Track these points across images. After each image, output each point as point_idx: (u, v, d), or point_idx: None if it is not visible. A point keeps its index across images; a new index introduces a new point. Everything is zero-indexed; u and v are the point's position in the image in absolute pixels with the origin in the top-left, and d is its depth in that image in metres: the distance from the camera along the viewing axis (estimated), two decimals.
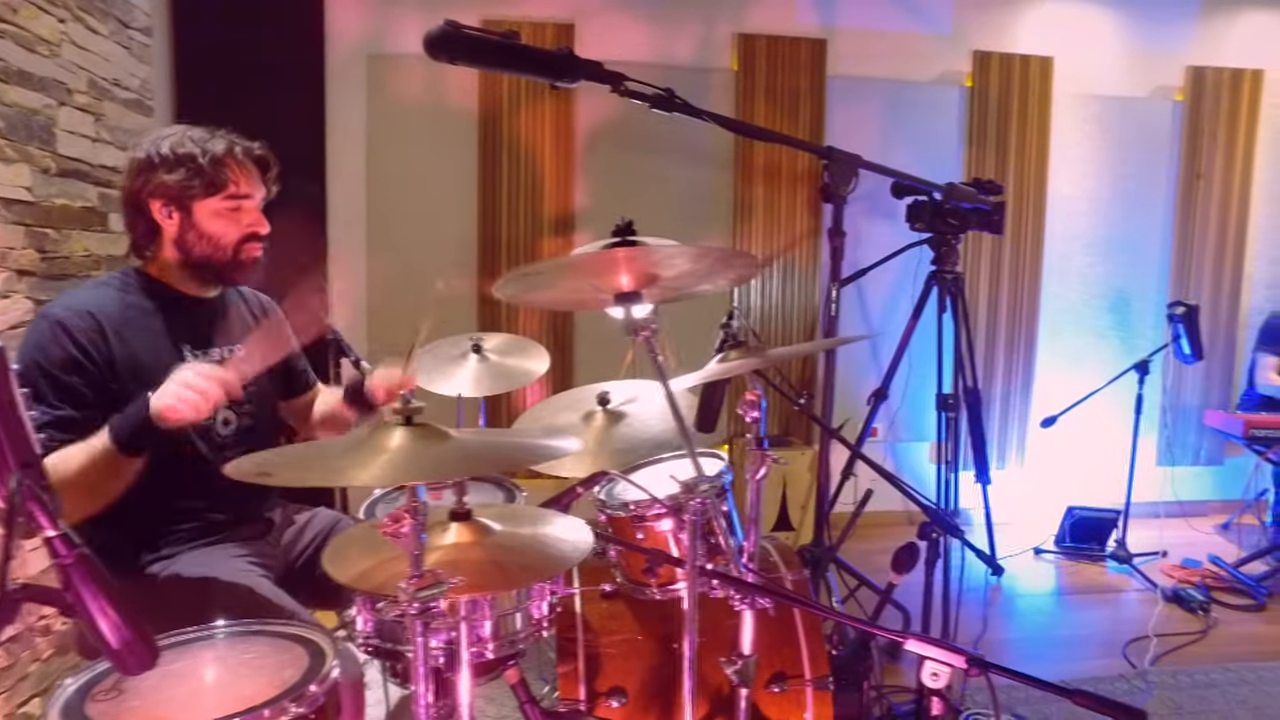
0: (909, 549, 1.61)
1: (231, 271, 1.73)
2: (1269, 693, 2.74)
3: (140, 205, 1.65)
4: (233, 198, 1.68)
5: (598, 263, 1.22)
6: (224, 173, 1.66)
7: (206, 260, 1.69)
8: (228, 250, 1.69)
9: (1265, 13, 4.50)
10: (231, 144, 1.69)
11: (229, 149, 1.67)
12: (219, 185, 1.65)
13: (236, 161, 1.68)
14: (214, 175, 1.64)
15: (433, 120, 3.83)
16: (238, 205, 1.69)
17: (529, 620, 1.64)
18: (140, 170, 1.63)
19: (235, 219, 1.69)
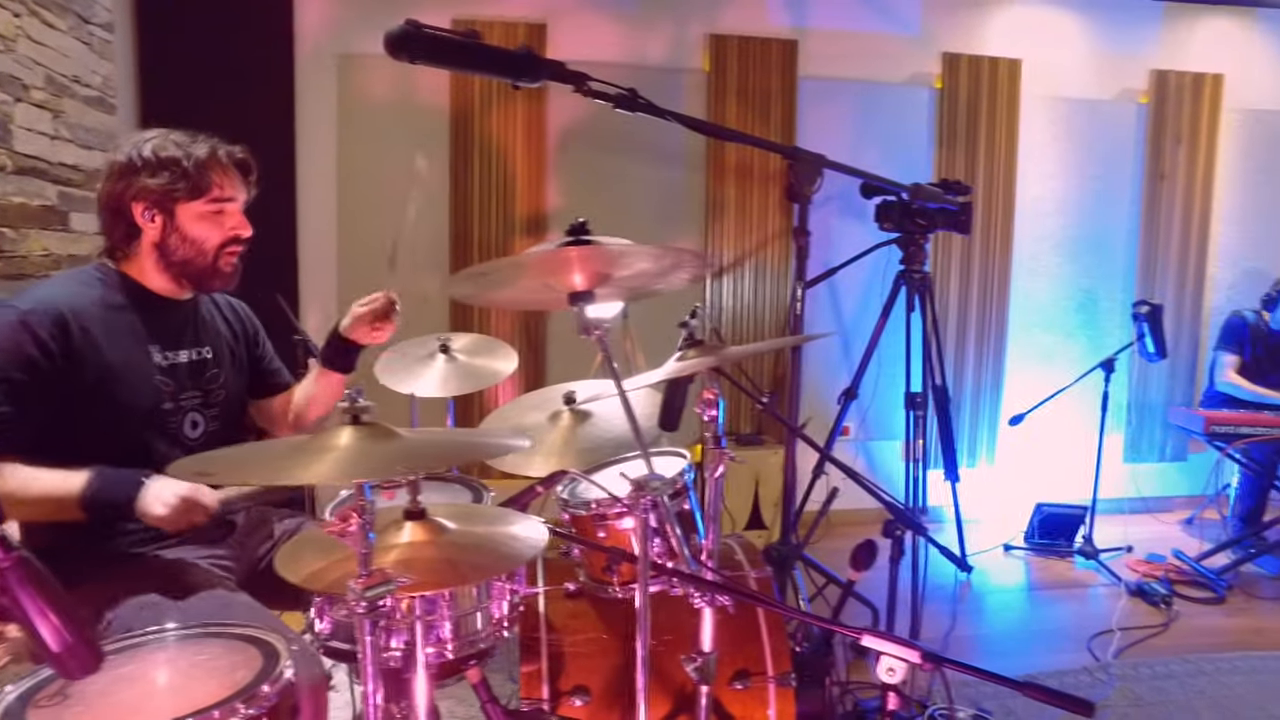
0: (867, 546, 1.63)
1: (210, 278, 1.72)
2: (1225, 683, 2.79)
3: (121, 208, 1.64)
4: (216, 201, 1.68)
5: (550, 262, 1.22)
6: (208, 176, 1.65)
7: (187, 263, 1.68)
8: (209, 254, 1.69)
9: (1225, 18, 4.59)
10: (215, 147, 1.69)
11: (213, 152, 1.67)
12: (203, 189, 1.65)
13: (220, 165, 1.68)
14: (198, 178, 1.64)
15: (404, 120, 3.82)
16: (221, 209, 1.69)
17: (490, 620, 1.64)
18: (122, 173, 1.62)
19: (218, 222, 1.69)
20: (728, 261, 4.06)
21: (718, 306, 4.06)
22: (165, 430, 1.66)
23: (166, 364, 1.69)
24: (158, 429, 1.65)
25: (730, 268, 4.06)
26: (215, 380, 1.79)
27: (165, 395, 1.67)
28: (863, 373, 3.29)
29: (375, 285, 3.80)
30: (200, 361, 1.77)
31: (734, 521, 3.76)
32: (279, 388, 2.04)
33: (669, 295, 3.75)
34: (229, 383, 1.82)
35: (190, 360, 1.75)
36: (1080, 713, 1.32)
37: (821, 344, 4.25)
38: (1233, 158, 4.67)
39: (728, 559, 2.03)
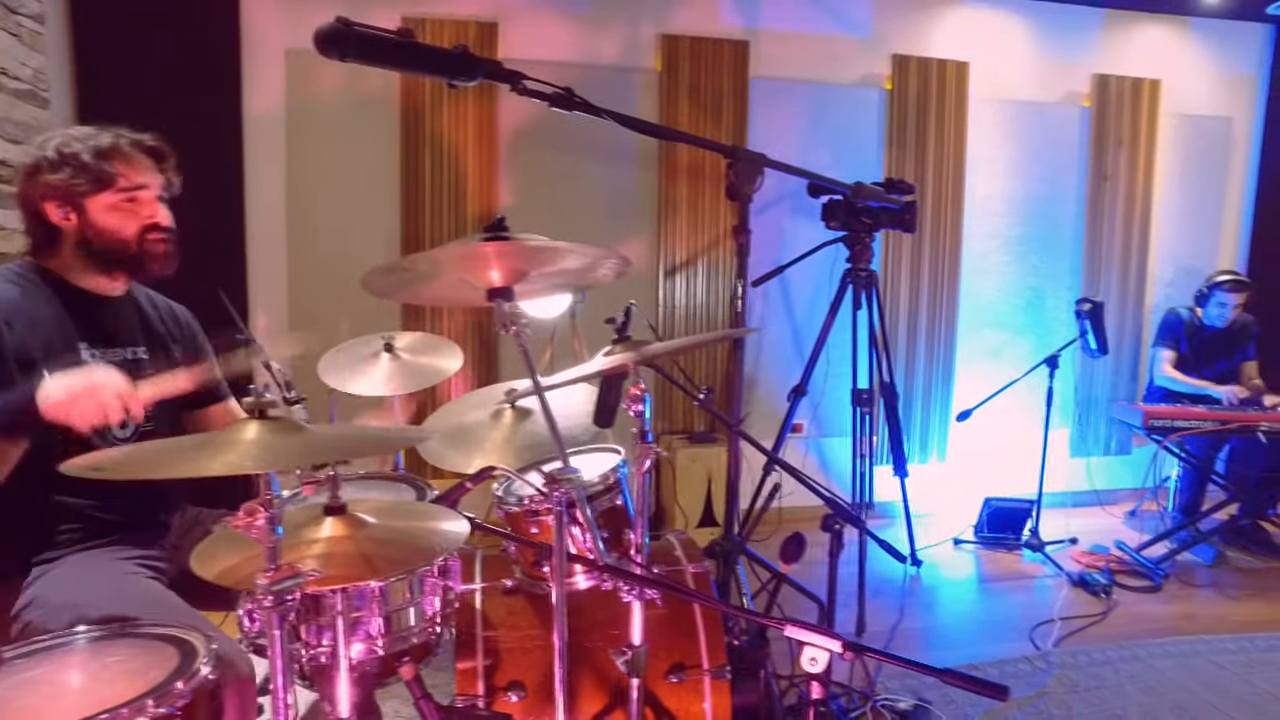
0: (795, 539, 1.65)
1: (139, 264, 1.70)
2: (1156, 667, 2.87)
3: (35, 209, 1.63)
4: (125, 190, 1.66)
5: (467, 258, 1.23)
6: (110, 166, 1.64)
7: (111, 256, 1.67)
8: (130, 244, 1.67)
9: (1160, 26, 4.72)
10: (118, 137, 1.67)
11: (114, 142, 1.65)
12: (106, 180, 1.64)
13: (123, 154, 1.66)
14: (99, 170, 1.62)
15: (354, 117, 3.78)
16: (133, 197, 1.67)
17: (422, 616, 1.65)
18: (29, 174, 1.62)
19: (132, 211, 1.67)
20: (680, 260, 4.08)
21: (670, 305, 4.08)
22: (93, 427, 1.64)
23: (95, 361, 1.67)
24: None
25: (682, 266, 4.08)
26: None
27: None
28: (811, 370, 3.33)
29: (326, 283, 3.81)
30: (134, 362, 1.75)
31: (687, 519, 3.78)
32: (215, 399, 2.00)
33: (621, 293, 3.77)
34: None
35: (124, 360, 1.73)
36: (994, 697, 1.36)
37: (773, 342, 4.29)
38: (1170, 160, 4.80)
39: (666, 554, 2.05)
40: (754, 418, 4.24)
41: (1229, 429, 3.74)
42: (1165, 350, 4.21)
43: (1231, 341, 4.17)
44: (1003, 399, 4.43)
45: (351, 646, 1.54)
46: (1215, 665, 2.90)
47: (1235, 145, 4.92)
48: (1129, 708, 2.61)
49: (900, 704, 2.56)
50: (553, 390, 2.35)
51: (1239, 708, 2.63)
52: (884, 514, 4.41)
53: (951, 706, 2.59)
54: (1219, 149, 4.88)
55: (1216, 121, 4.86)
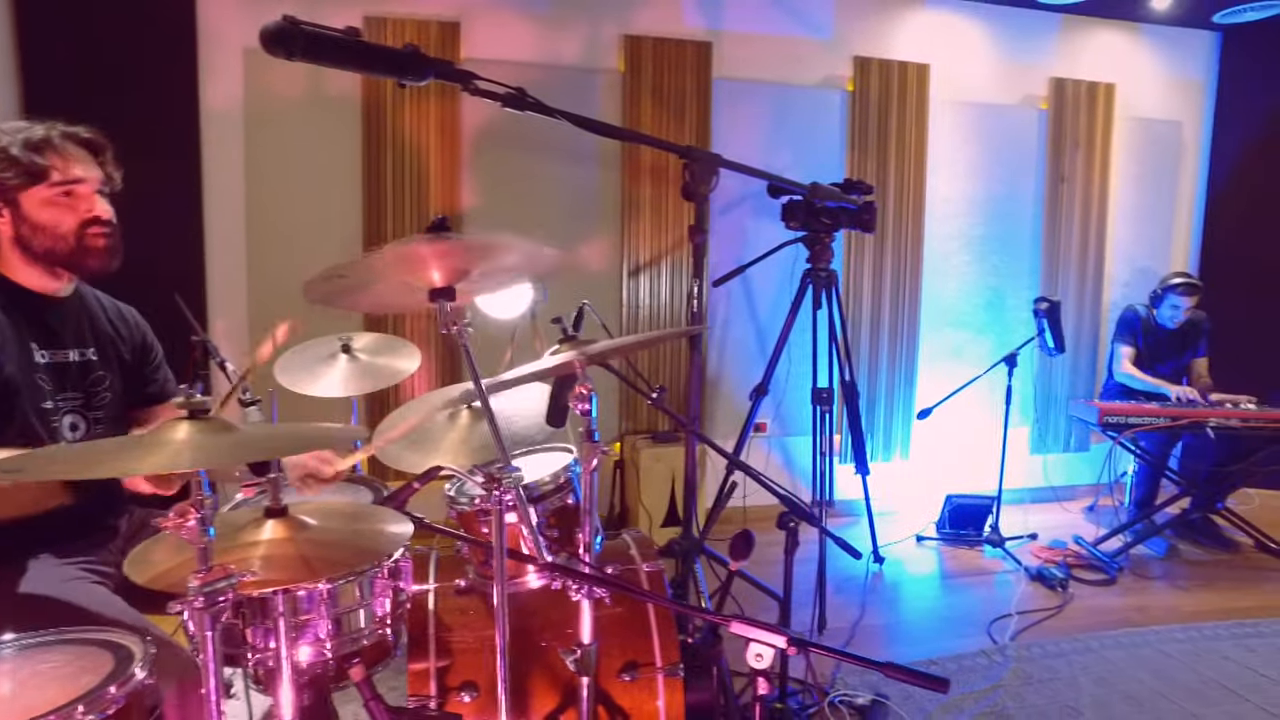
0: (743, 536, 1.67)
1: (80, 259, 1.67)
2: (1108, 658, 2.94)
3: None
4: (59, 184, 1.62)
5: (406, 259, 1.22)
6: (42, 160, 1.60)
7: (51, 252, 1.63)
8: (69, 238, 1.64)
9: (1114, 31, 4.82)
10: (50, 129, 1.64)
11: (46, 134, 1.62)
12: (39, 174, 1.60)
13: (55, 147, 1.63)
14: (30, 164, 1.59)
15: (315, 116, 3.74)
16: (69, 190, 1.64)
17: (373, 617, 1.64)
18: None
19: (70, 205, 1.64)
20: (643, 260, 4.09)
21: (633, 305, 4.09)
22: (45, 429, 1.62)
23: (45, 362, 1.65)
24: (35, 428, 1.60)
25: (645, 266, 4.09)
26: (100, 384, 1.74)
27: (44, 394, 1.62)
28: (773, 369, 3.35)
29: (286, 285, 3.74)
30: (84, 363, 1.73)
31: (651, 518, 3.79)
32: (161, 397, 1.98)
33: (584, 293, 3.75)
34: (114, 387, 1.78)
35: (74, 361, 1.71)
36: (935, 690, 1.39)
37: (736, 342, 4.31)
38: (1125, 163, 4.91)
39: (621, 553, 2.06)
40: (718, 417, 4.27)
41: (1180, 425, 3.82)
42: (1124, 346, 4.30)
43: (1184, 339, 4.27)
44: (965, 397, 4.49)
45: (299, 649, 1.53)
46: (1164, 655, 2.97)
47: (1186, 148, 5.04)
48: (1081, 698, 2.66)
49: (858, 699, 2.59)
50: (503, 390, 2.36)
51: (1185, 695, 2.69)
52: (848, 512, 4.46)
53: (910, 702, 2.63)
54: (1170, 152, 4.99)
55: (1168, 125, 4.97)
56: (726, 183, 4.14)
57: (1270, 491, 4.95)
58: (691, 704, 1.90)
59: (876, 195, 4.37)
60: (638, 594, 1.62)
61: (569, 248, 4.03)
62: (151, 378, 1.95)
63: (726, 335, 4.30)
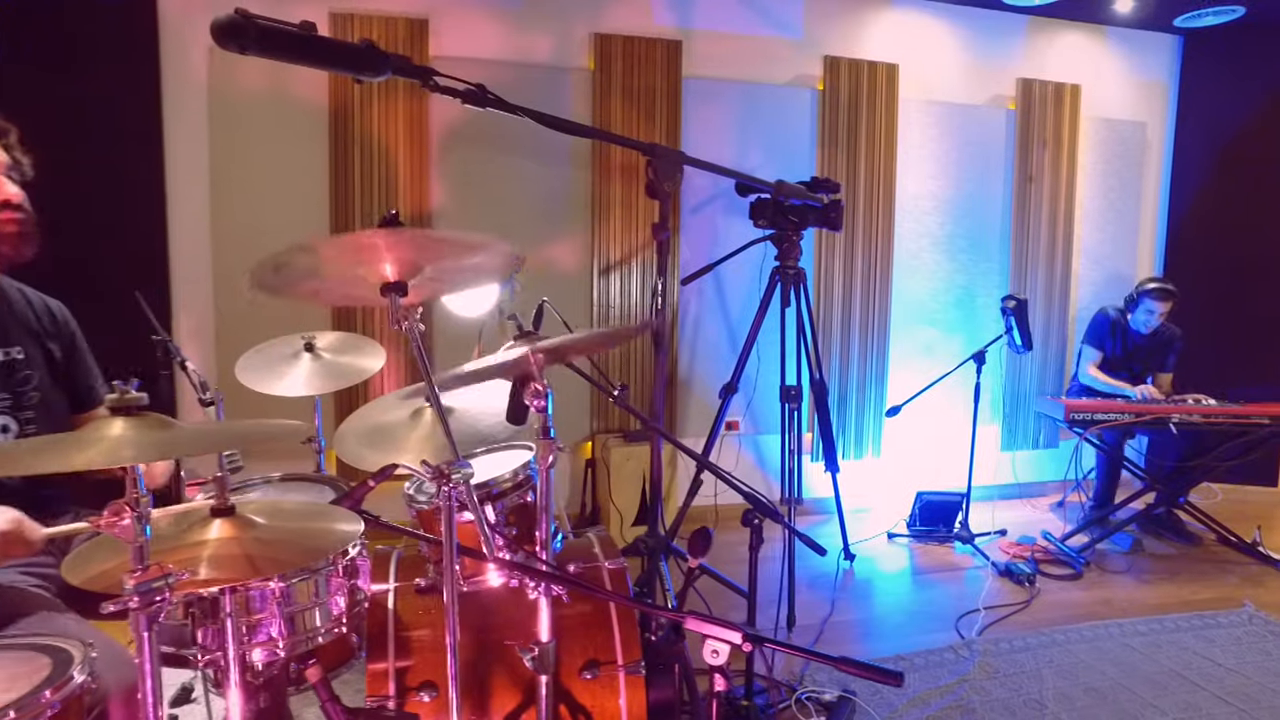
0: (701, 533, 1.67)
1: None
2: (1073, 651, 2.97)
3: None
4: None
5: (358, 249, 1.21)
6: None
7: None
8: None
9: (1080, 33, 4.88)
10: None
11: None
12: None
13: None
14: None
15: (281, 114, 3.70)
16: None
17: (328, 616, 1.62)
18: None
19: None
20: (614, 259, 4.08)
21: (604, 304, 4.08)
22: None
23: None
24: None
25: (616, 265, 4.09)
26: (27, 383, 1.70)
27: None
28: (742, 367, 3.36)
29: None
30: (9, 363, 1.69)
31: (622, 517, 3.78)
32: (90, 403, 1.93)
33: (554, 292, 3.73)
34: (43, 385, 1.74)
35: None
36: (889, 683, 1.39)
37: (707, 340, 4.32)
38: (1091, 163, 4.97)
39: (584, 551, 2.05)
40: (690, 416, 4.27)
41: (1143, 421, 3.87)
42: (1092, 350, 4.36)
43: (1154, 350, 4.31)
44: (936, 395, 4.52)
45: (252, 650, 1.51)
46: (1127, 647, 3.01)
47: (1150, 149, 5.11)
48: (1045, 691, 2.69)
49: (825, 696, 2.60)
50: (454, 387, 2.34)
51: (1145, 685, 2.73)
52: (820, 510, 4.48)
53: (877, 697, 2.64)
54: (1135, 152, 5.07)
55: (1132, 126, 5.04)
56: (697, 182, 4.19)
57: (1232, 486, 5.04)
58: (654, 702, 1.90)
59: (847, 194, 4.41)
60: (591, 590, 1.61)
61: (539, 247, 4.02)
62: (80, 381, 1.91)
63: (698, 334, 4.30)
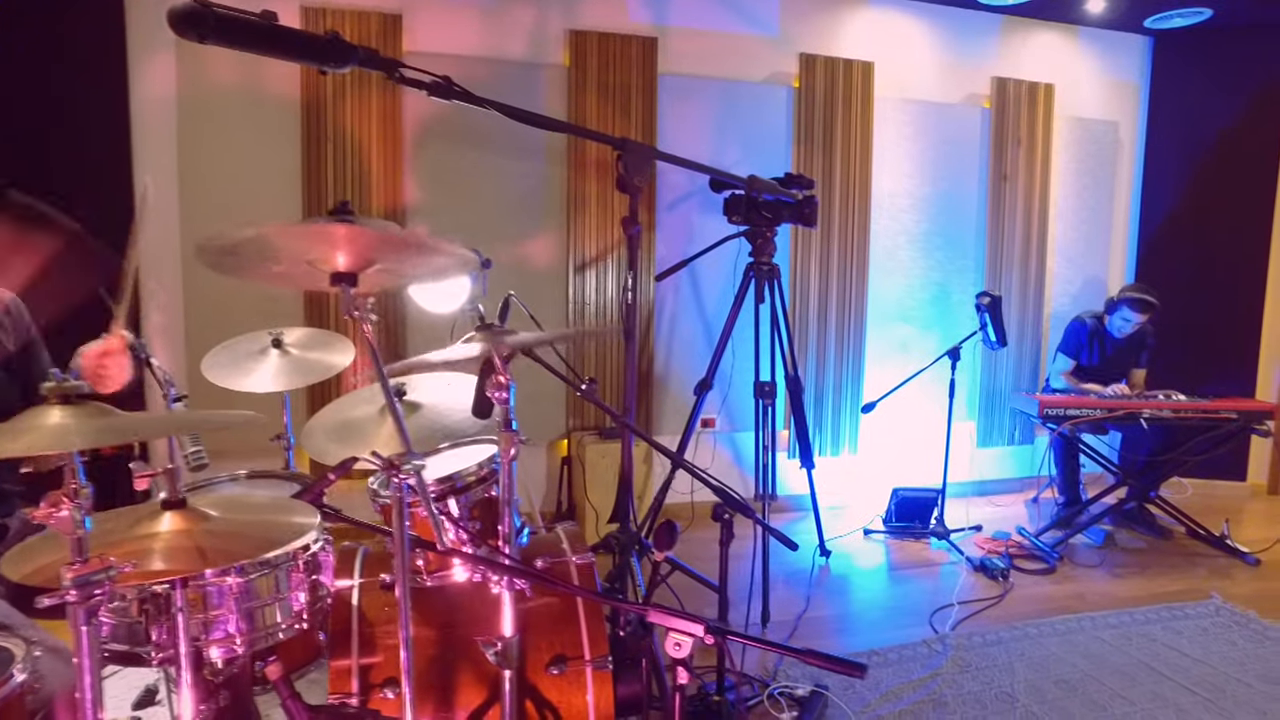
0: (667, 527, 1.66)
1: None
2: (1043, 644, 2.99)
3: None
4: None
5: (313, 238, 1.19)
6: None
7: None
8: None
9: (1053, 33, 4.92)
10: None
11: None
12: None
13: None
14: None
15: (251, 108, 3.66)
16: None
17: (289, 612, 1.60)
18: None
19: None
20: (590, 256, 4.07)
21: (580, 301, 4.07)
22: None
23: None
24: None
25: (591, 262, 4.08)
26: None
27: None
28: (717, 364, 3.35)
29: (224, 282, 3.65)
30: None
31: (598, 515, 3.77)
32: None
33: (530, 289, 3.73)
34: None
35: None
36: (852, 675, 1.40)
37: (683, 337, 4.31)
38: (1064, 162, 5.01)
39: (552, 546, 2.04)
40: (666, 413, 4.27)
41: (1115, 416, 3.91)
42: (1066, 359, 4.41)
43: (1129, 351, 4.37)
44: (913, 392, 4.54)
45: (209, 647, 1.49)
46: (1098, 639, 3.03)
47: (1122, 148, 5.16)
48: (1016, 684, 2.70)
49: (798, 691, 2.60)
50: (445, 385, 2.32)
51: (1114, 677, 2.75)
52: (797, 506, 4.49)
53: (850, 692, 2.64)
54: (1108, 151, 5.11)
55: (1105, 125, 5.09)
56: (673, 178, 4.18)
57: (1202, 481, 5.09)
58: (622, 697, 1.89)
59: (823, 191, 4.42)
60: (548, 582, 1.60)
61: (514, 243, 4.00)
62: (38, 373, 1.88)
63: (674, 331, 4.29)
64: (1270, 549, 4.01)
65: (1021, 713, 2.53)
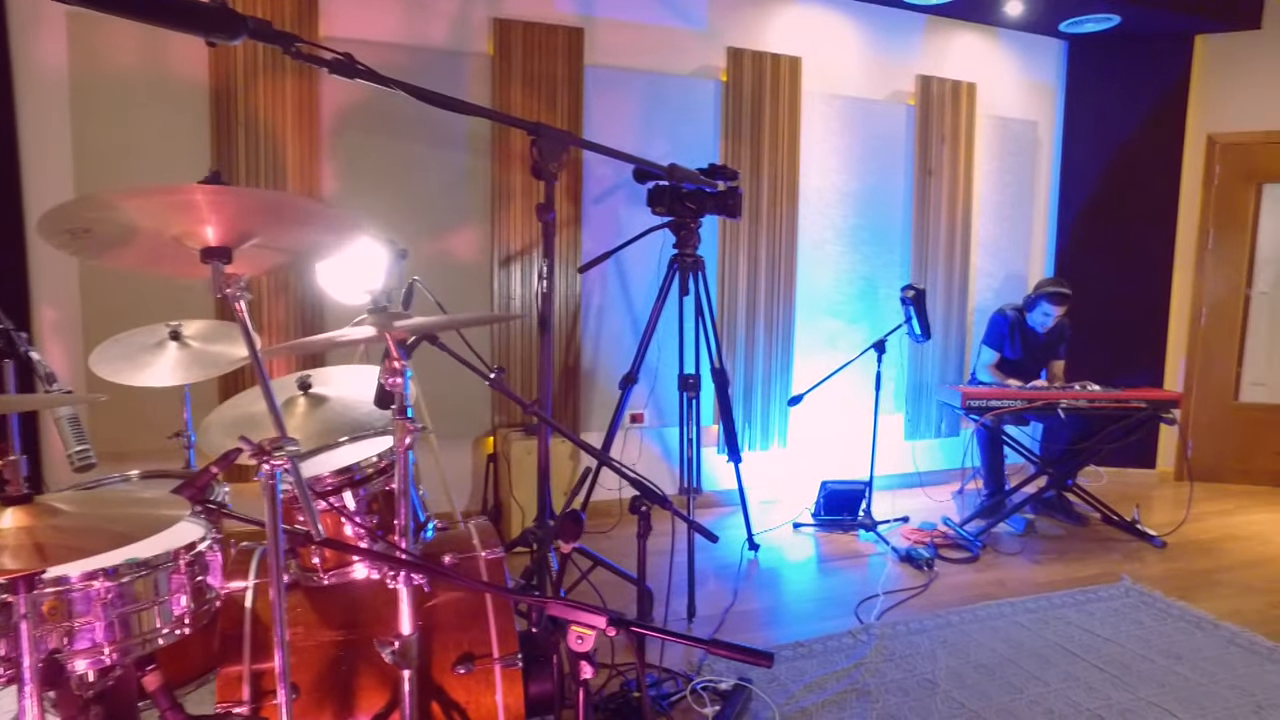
0: (571, 517, 1.61)
1: None
2: (965, 630, 3.03)
3: None
4: None
5: (165, 207, 1.10)
6: None
7: None
8: None
9: (974, 33, 5.03)
10: None
11: None
12: None
13: None
14: None
15: (155, 91, 3.47)
16: None
17: (169, 618, 1.50)
18: None
19: None
20: (515, 249, 3.99)
21: (505, 295, 3.99)
22: None
23: None
24: None
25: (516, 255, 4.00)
26: None
27: None
28: (642, 357, 3.32)
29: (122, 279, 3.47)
30: None
31: (524, 512, 3.70)
32: None
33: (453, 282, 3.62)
34: None
35: None
36: (760, 664, 1.37)
37: (611, 331, 4.26)
38: (987, 159, 5.13)
39: (462, 542, 1.97)
40: (595, 408, 4.21)
41: (1035, 406, 4.00)
42: (990, 351, 4.50)
43: (1050, 344, 4.49)
44: (842, 385, 4.59)
45: (74, 658, 1.38)
46: (1017, 624, 3.09)
47: (1041, 147, 5.31)
48: (938, 671, 2.73)
49: (721, 685, 2.58)
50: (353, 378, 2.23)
51: (1031, 660, 2.80)
52: (727, 501, 4.48)
53: (774, 684, 2.63)
54: (1027, 150, 5.25)
55: (1024, 125, 5.23)
56: (600, 170, 4.14)
57: (1116, 469, 5.28)
58: (533, 695, 1.83)
59: (751, 185, 4.43)
60: (449, 577, 1.53)
61: (437, 235, 3.89)
62: None
63: (601, 325, 4.24)
64: (1175, 531, 4.18)
65: (942, 698, 2.55)
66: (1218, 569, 3.77)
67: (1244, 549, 4.06)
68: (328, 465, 1.74)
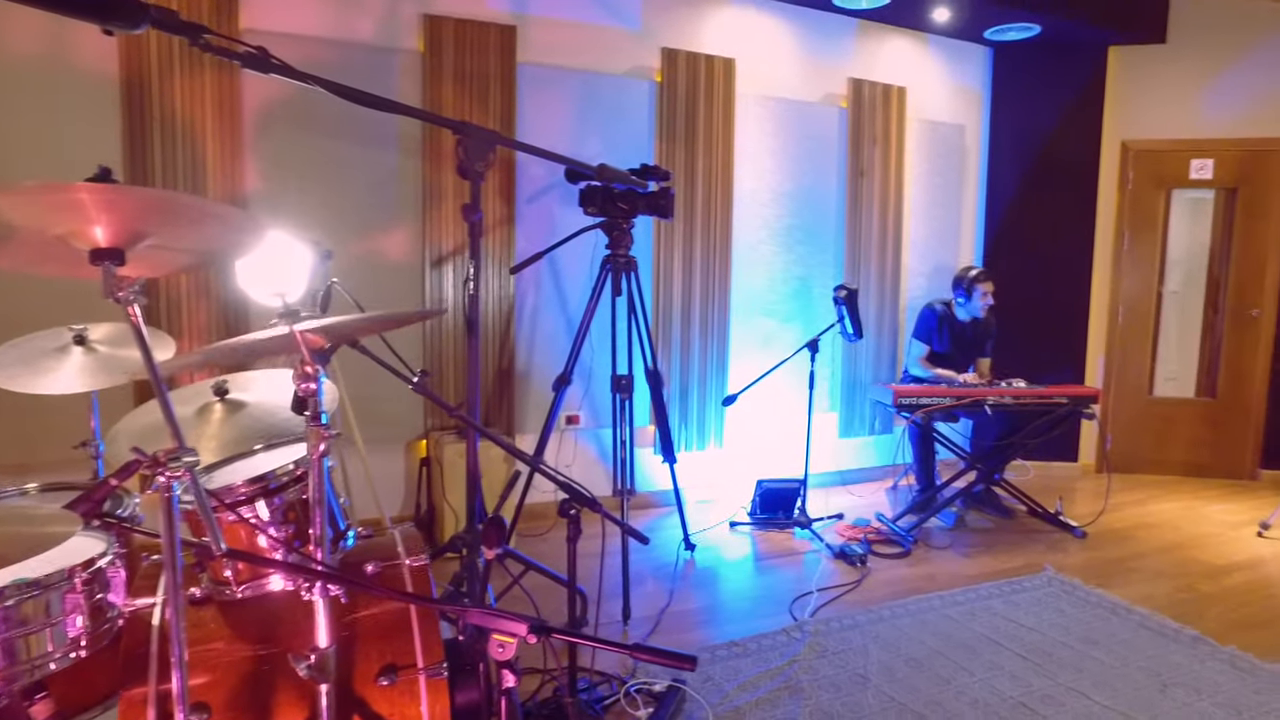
0: (494, 523, 1.58)
1: None
2: (896, 625, 3.09)
3: None
4: None
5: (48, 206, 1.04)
6: None
7: None
8: None
9: (904, 39, 5.15)
10: None
11: None
12: None
13: None
14: None
15: (59, 86, 3.30)
16: None
17: (62, 640, 1.42)
18: None
19: None
20: (446, 250, 3.92)
21: (436, 297, 3.91)
22: None
23: None
24: None
25: (448, 256, 3.93)
26: None
27: None
28: (575, 359, 3.29)
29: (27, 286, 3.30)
30: None
31: (458, 517, 3.64)
32: None
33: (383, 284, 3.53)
34: None
35: None
36: (683, 667, 1.36)
37: (545, 333, 4.22)
38: (917, 161, 5.26)
39: (386, 550, 1.92)
40: (529, 411, 4.17)
41: (963, 404, 4.11)
42: (920, 344, 4.60)
43: (976, 339, 4.60)
44: (777, 385, 4.64)
45: None
46: (946, 617, 3.16)
47: (968, 151, 5.47)
48: (870, 665, 2.77)
49: (655, 687, 2.58)
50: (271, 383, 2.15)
51: (959, 651, 2.87)
52: (663, 501, 4.49)
53: (708, 684, 2.64)
54: (955, 153, 5.40)
55: (952, 128, 5.37)
56: (534, 170, 4.09)
57: (1041, 463, 5.47)
58: (459, 705, 1.79)
59: (685, 186, 4.44)
60: (360, 586, 1.49)
61: (366, 236, 3.80)
62: None
63: (536, 327, 4.20)
64: (1095, 522, 4.35)
65: (873, 692, 2.60)
66: (1132, 556, 3.93)
67: (1156, 536, 4.25)
68: (241, 474, 1.68)
